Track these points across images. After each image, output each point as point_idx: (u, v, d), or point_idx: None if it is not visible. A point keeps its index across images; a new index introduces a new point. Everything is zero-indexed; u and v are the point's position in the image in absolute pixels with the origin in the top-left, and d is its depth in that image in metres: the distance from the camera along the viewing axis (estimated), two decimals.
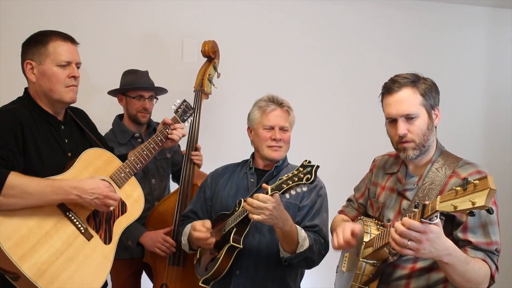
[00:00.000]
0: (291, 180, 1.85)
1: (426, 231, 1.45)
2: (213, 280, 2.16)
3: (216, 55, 2.87)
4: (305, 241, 2.04)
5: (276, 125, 2.19)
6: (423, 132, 1.74)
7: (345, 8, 3.61)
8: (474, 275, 1.58)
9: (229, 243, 2.04)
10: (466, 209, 1.32)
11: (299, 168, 1.86)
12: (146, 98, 2.76)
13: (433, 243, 1.47)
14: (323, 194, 2.23)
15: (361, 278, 1.75)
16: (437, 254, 1.51)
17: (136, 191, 2.13)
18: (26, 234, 1.77)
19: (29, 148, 1.86)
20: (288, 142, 2.24)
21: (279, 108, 2.22)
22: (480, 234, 1.64)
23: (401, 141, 1.76)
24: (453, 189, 1.37)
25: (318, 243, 2.10)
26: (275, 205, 1.89)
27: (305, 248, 2.03)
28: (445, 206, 1.37)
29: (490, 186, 1.29)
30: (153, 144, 2.23)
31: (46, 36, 1.95)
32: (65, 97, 1.96)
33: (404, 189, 1.82)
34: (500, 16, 3.88)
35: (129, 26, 3.28)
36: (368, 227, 1.81)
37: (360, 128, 3.59)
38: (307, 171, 1.83)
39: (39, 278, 1.74)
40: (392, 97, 1.77)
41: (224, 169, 2.39)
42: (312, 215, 2.16)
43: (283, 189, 1.86)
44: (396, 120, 1.75)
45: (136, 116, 2.76)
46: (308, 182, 1.81)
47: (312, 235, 2.10)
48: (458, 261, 1.54)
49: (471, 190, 1.32)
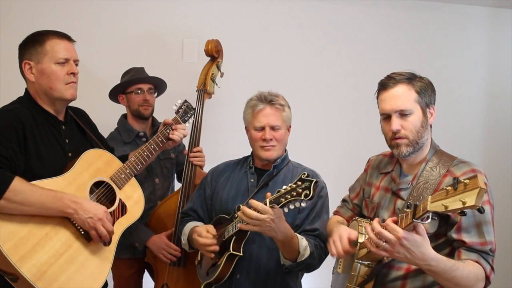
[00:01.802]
0: (289, 194, 1.81)
1: (400, 237, 1.46)
2: (215, 284, 2.15)
3: (220, 55, 2.84)
4: (306, 250, 2.02)
5: (266, 124, 2.14)
6: (417, 129, 1.73)
7: (346, 8, 3.61)
8: (462, 280, 1.56)
9: (229, 251, 2.03)
10: (456, 209, 1.32)
11: (297, 182, 1.82)
12: (145, 90, 2.75)
13: (409, 249, 1.48)
14: (324, 195, 2.19)
15: (356, 279, 1.74)
16: (414, 261, 1.52)
17: (136, 192, 2.12)
18: (25, 235, 1.77)
19: (29, 148, 1.86)
20: (282, 140, 2.17)
21: (268, 107, 2.15)
22: (474, 234, 1.63)
23: (394, 137, 1.76)
24: (444, 189, 1.37)
25: (318, 248, 2.08)
26: (274, 218, 1.85)
27: (306, 257, 2.01)
28: (436, 206, 1.36)
29: (479, 185, 1.27)
30: (154, 145, 2.23)
31: (43, 35, 1.95)
32: (66, 94, 1.96)
33: (398, 188, 1.82)
34: (500, 16, 3.88)
35: (129, 26, 3.28)
36: (363, 228, 1.79)
37: (360, 128, 3.59)
38: (305, 186, 1.79)
39: (38, 280, 1.73)
40: (387, 93, 1.77)
41: (225, 166, 2.36)
42: (312, 218, 2.13)
43: (282, 203, 1.82)
44: (390, 116, 1.75)
45: (139, 110, 2.74)
46: (307, 198, 1.77)
47: (313, 241, 2.08)
48: (442, 270, 1.53)
49: (462, 189, 1.31)
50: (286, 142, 2.23)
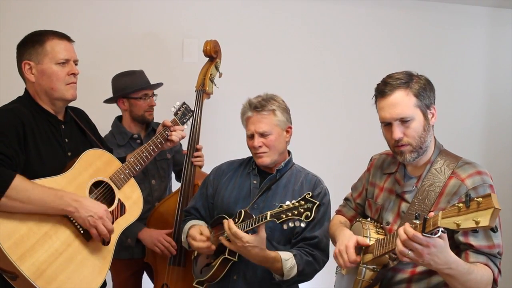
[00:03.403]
0: (290, 211, 1.80)
1: (429, 245, 1.42)
2: (207, 283, 2.15)
3: (218, 55, 2.85)
4: (292, 270, 1.99)
5: (254, 132, 2.12)
6: (419, 134, 1.69)
7: (346, 8, 3.61)
8: (476, 283, 1.55)
9: (224, 255, 2.03)
10: (469, 227, 1.28)
11: (300, 201, 1.81)
12: (150, 96, 2.78)
13: (434, 256, 1.44)
14: (326, 202, 2.16)
15: (362, 283, 1.72)
16: (436, 267, 1.48)
17: (135, 193, 2.13)
18: (25, 233, 1.77)
19: (29, 147, 1.87)
20: (273, 145, 2.11)
21: (255, 114, 2.12)
22: (482, 238, 1.60)
23: (397, 145, 1.72)
24: (456, 206, 1.33)
25: (312, 264, 2.05)
26: (252, 245, 1.88)
27: (293, 275, 2.00)
28: (448, 223, 1.33)
29: (494, 206, 1.24)
30: (152, 146, 2.24)
31: (42, 35, 1.95)
32: (66, 95, 1.97)
33: (403, 191, 1.79)
34: (500, 16, 3.87)
35: (129, 26, 3.28)
36: (367, 231, 1.78)
37: (360, 129, 3.58)
38: (307, 207, 1.78)
39: (37, 278, 1.74)
40: (385, 101, 1.71)
41: (229, 165, 2.35)
42: (313, 226, 2.09)
43: (282, 219, 1.82)
44: (391, 123, 1.71)
45: (144, 115, 2.76)
46: (307, 220, 1.78)
47: (305, 257, 2.04)
48: (459, 273, 1.51)
49: (475, 208, 1.27)
50: (282, 145, 2.17)
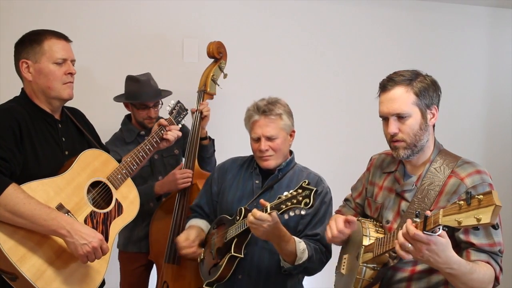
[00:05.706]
0: (289, 201, 1.82)
1: (430, 243, 1.43)
2: (217, 283, 2.17)
3: (223, 56, 2.86)
4: (304, 253, 2.02)
5: (261, 135, 2.13)
6: (415, 132, 1.71)
7: (347, 8, 3.61)
8: (478, 283, 1.55)
9: (230, 253, 2.05)
10: (470, 225, 1.29)
11: (297, 189, 1.83)
12: (150, 106, 2.77)
13: (434, 254, 1.45)
14: (327, 201, 2.19)
15: (362, 282, 1.73)
16: (436, 265, 1.49)
17: (132, 193, 2.14)
18: (25, 235, 1.77)
19: (26, 146, 1.86)
20: (279, 148, 2.15)
21: (263, 118, 2.13)
22: (483, 236, 1.61)
23: (392, 140, 1.75)
24: (456, 203, 1.34)
25: (318, 252, 2.09)
26: (271, 223, 1.88)
27: (304, 260, 2.02)
28: (449, 221, 1.34)
29: (495, 203, 1.25)
30: (148, 145, 2.25)
31: (40, 35, 1.96)
32: (63, 94, 1.97)
33: (403, 190, 1.80)
34: (500, 16, 3.87)
35: (129, 26, 3.28)
36: (367, 230, 1.79)
37: (361, 129, 3.59)
38: (305, 195, 1.79)
39: (38, 279, 1.74)
40: (385, 95, 1.75)
41: (232, 163, 2.36)
42: (315, 224, 2.13)
43: (282, 209, 1.84)
44: (388, 118, 1.74)
45: (143, 123, 2.80)
46: (307, 207, 1.78)
47: (313, 244, 2.08)
48: (462, 273, 1.51)
49: (476, 205, 1.28)
50: (286, 149, 2.22)
